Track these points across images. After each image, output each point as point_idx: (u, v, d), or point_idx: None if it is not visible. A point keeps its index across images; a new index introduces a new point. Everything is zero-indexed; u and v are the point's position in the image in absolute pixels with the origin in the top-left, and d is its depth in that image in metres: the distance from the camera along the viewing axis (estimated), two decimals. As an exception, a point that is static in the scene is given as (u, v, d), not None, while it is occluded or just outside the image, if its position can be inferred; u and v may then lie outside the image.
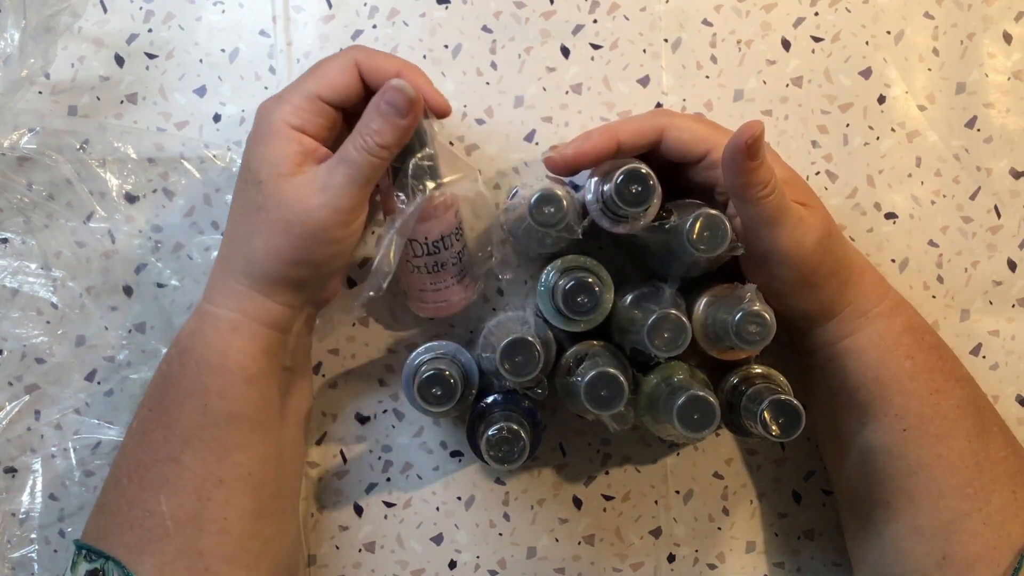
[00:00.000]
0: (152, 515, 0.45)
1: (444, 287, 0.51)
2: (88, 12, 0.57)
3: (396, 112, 0.44)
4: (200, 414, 0.46)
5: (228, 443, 0.46)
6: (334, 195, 0.45)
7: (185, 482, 0.46)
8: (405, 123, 0.45)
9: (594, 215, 0.48)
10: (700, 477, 0.58)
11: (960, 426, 0.48)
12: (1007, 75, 0.58)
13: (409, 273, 0.51)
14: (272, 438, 0.49)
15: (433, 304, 0.52)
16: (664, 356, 0.46)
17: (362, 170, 0.45)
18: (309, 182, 0.45)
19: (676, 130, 0.48)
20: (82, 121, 0.56)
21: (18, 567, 0.56)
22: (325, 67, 0.47)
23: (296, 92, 0.47)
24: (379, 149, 0.45)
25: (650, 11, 0.58)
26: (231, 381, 0.46)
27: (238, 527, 0.46)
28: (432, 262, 0.50)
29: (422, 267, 0.50)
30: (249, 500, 0.47)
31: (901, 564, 0.48)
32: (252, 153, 0.47)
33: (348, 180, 0.45)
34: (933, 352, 0.50)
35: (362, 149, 0.45)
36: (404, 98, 0.44)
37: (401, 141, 0.45)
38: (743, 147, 0.42)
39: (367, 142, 0.44)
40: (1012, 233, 0.58)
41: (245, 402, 0.47)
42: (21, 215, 0.56)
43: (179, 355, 0.48)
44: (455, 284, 0.52)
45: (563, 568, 0.58)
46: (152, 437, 0.47)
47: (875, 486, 0.50)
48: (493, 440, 0.47)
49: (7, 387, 0.56)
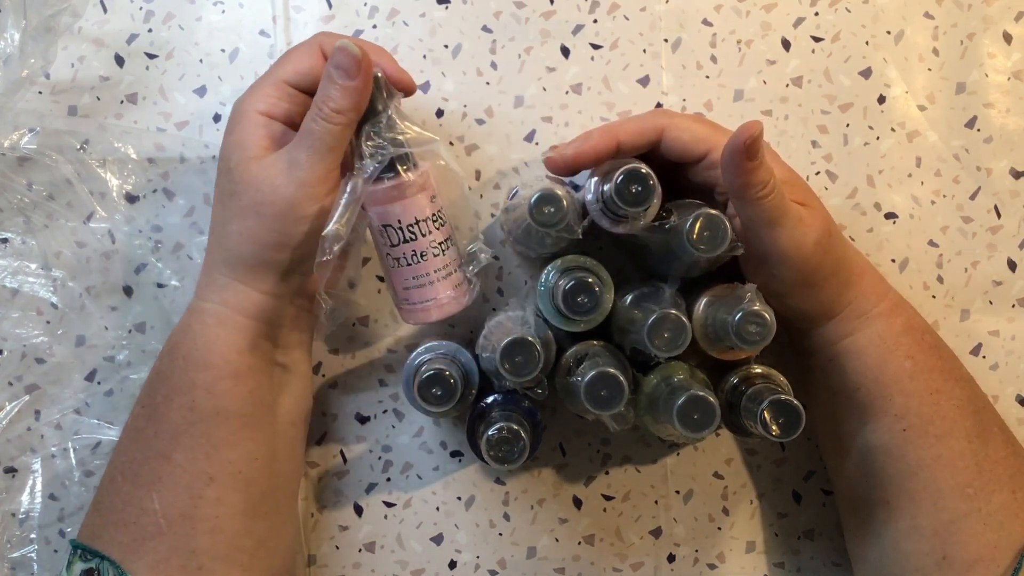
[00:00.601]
0: (145, 513, 0.45)
1: (428, 282, 0.48)
2: (88, 12, 0.57)
3: (344, 74, 0.44)
4: (188, 410, 0.46)
5: (217, 440, 0.46)
6: (299, 170, 0.45)
7: (176, 480, 0.46)
8: (355, 84, 0.44)
9: (594, 215, 0.48)
10: (700, 477, 0.58)
11: (960, 426, 0.48)
12: (1007, 75, 0.58)
13: (391, 270, 0.49)
14: (263, 435, 0.48)
15: (420, 305, 0.49)
16: (664, 356, 0.46)
17: (322, 139, 0.45)
18: (276, 162, 0.45)
19: (676, 130, 0.48)
20: (82, 121, 0.56)
21: (18, 567, 0.56)
22: (290, 53, 0.48)
23: (263, 80, 0.47)
24: (334, 115, 0.44)
25: (650, 11, 0.58)
26: (217, 376, 0.46)
27: (230, 525, 0.46)
28: (411, 251, 0.48)
29: (401, 258, 0.48)
30: (240, 498, 0.47)
31: (901, 564, 0.49)
32: (224, 143, 0.47)
33: (310, 152, 0.45)
34: (933, 352, 0.50)
35: (318, 118, 0.44)
36: (349, 57, 0.44)
37: (357, 105, 0.45)
38: (742, 147, 0.42)
39: (322, 110, 0.44)
40: (1012, 233, 0.58)
41: (232, 397, 0.47)
42: (21, 215, 0.56)
43: (169, 351, 0.48)
44: (441, 280, 0.49)
45: (563, 568, 0.58)
46: (144, 434, 0.47)
47: (875, 486, 0.50)
48: (493, 440, 0.47)
49: (7, 387, 0.56)
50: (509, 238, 0.56)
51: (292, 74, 0.47)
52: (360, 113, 0.46)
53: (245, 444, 0.47)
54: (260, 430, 0.48)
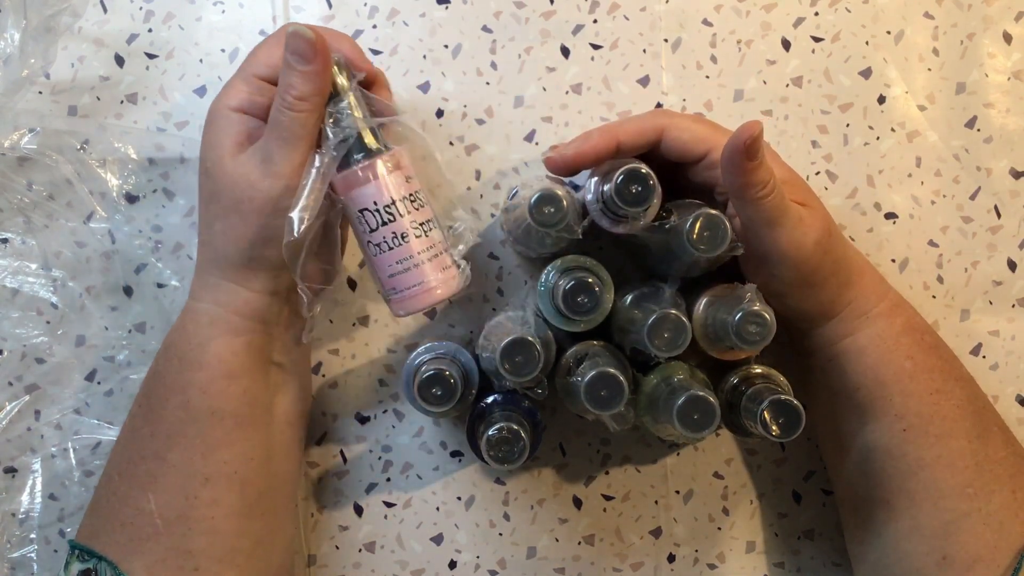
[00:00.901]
0: (141, 513, 0.45)
1: (413, 265, 0.46)
2: (88, 12, 0.57)
3: (300, 59, 0.43)
4: (183, 410, 0.46)
5: (211, 440, 0.46)
6: (273, 164, 0.44)
7: (171, 480, 0.46)
8: (313, 67, 0.43)
9: (594, 215, 0.48)
10: (700, 477, 0.58)
11: (960, 426, 0.48)
12: (1007, 75, 0.58)
13: (373, 259, 0.47)
14: (258, 435, 0.48)
15: (409, 291, 0.46)
16: (664, 356, 0.46)
17: (291, 129, 0.44)
18: (250, 158, 0.45)
19: (676, 130, 0.48)
20: (82, 121, 0.56)
21: (18, 567, 0.56)
22: (259, 47, 0.48)
23: (234, 76, 0.47)
24: (297, 102, 0.44)
25: (650, 11, 0.58)
26: (211, 376, 0.46)
27: (227, 526, 0.46)
28: (391, 233, 0.46)
29: (382, 243, 0.46)
30: (236, 498, 0.47)
31: (901, 564, 0.49)
32: (201, 144, 0.47)
33: (281, 144, 0.44)
34: (933, 352, 0.50)
35: (282, 108, 0.44)
36: (303, 41, 0.43)
37: (320, 89, 0.44)
38: (742, 147, 0.42)
39: (285, 99, 0.44)
40: (1012, 233, 0.58)
41: (226, 397, 0.46)
42: (21, 215, 0.56)
43: (164, 351, 0.48)
44: (427, 262, 0.46)
45: (563, 568, 0.58)
46: (140, 434, 0.47)
47: (875, 486, 0.50)
48: (493, 440, 0.47)
49: (7, 387, 0.56)
50: (509, 238, 0.56)
51: (262, 67, 0.46)
52: (324, 97, 0.45)
53: (240, 444, 0.47)
54: (256, 430, 0.48)
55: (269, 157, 0.44)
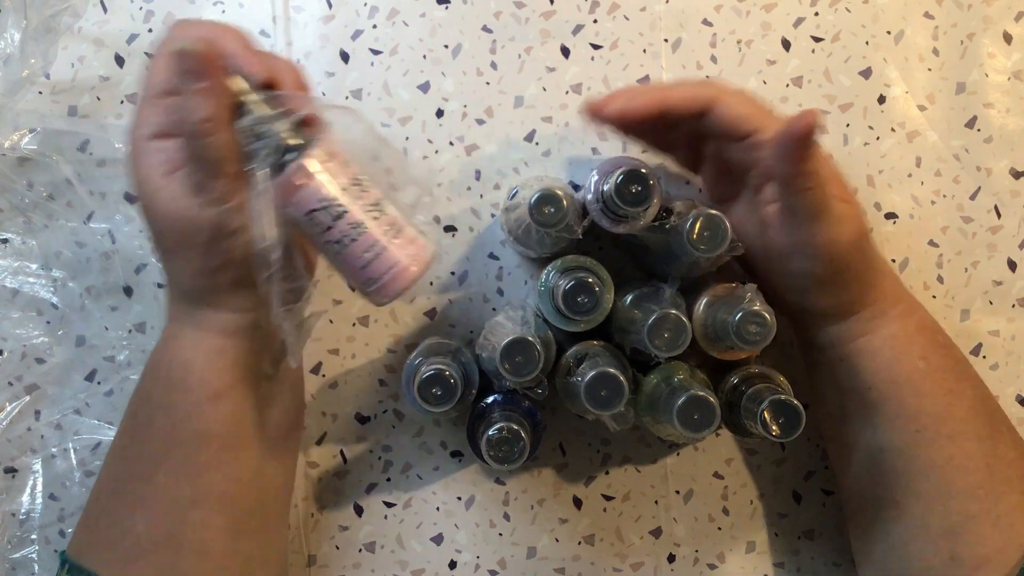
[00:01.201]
0: (130, 534, 0.45)
1: (382, 249, 0.44)
2: (88, 12, 0.57)
3: (193, 78, 0.41)
4: (169, 433, 0.45)
5: (199, 463, 0.45)
6: (205, 191, 0.42)
7: (159, 502, 0.45)
8: (209, 84, 0.41)
9: (594, 215, 0.48)
10: (700, 477, 0.58)
11: (971, 427, 0.48)
12: (1007, 75, 0.58)
13: (338, 256, 0.44)
14: (246, 454, 0.47)
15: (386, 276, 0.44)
16: (664, 356, 0.46)
17: (208, 154, 0.41)
18: (178, 187, 0.42)
19: (726, 106, 0.47)
20: (82, 121, 0.56)
21: (18, 567, 0.56)
22: (154, 64, 0.44)
23: (140, 104, 0.44)
24: (203, 124, 0.41)
25: (650, 11, 0.58)
26: (195, 399, 0.45)
27: (216, 547, 0.46)
28: (347, 226, 0.43)
29: (343, 238, 0.43)
30: (225, 520, 0.46)
31: (908, 563, 0.48)
32: (132, 182, 0.44)
33: (205, 171, 0.42)
34: (945, 352, 0.50)
35: (194, 136, 0.41)
36: (190, 59, 0.40)
37: (220, 102, 0.41)
38: (798, 136, 0.42)
39: (192, 127, 0.41)
40: (1012, 233, 0.58)
41: (213, 419, 0.45)
42: (21, 215, 0.56)
43: (151, 370, 0.47)
44: (392, 242, 0.44)
45: (563, 568, 0.58)
46: (128, 453, 0.47)
47: (883, 485, 0.49)
48: (493, 440, 0.47)
49: (7, 387, 0.56)
50: (509, 238, 0.56)
51: (164, 84, 0.43)
52: (229, 108, 0.42)
53: (228, 466, 0.46)
54: (244, 450, 0.47)
55: (200, 186, 0.42)
